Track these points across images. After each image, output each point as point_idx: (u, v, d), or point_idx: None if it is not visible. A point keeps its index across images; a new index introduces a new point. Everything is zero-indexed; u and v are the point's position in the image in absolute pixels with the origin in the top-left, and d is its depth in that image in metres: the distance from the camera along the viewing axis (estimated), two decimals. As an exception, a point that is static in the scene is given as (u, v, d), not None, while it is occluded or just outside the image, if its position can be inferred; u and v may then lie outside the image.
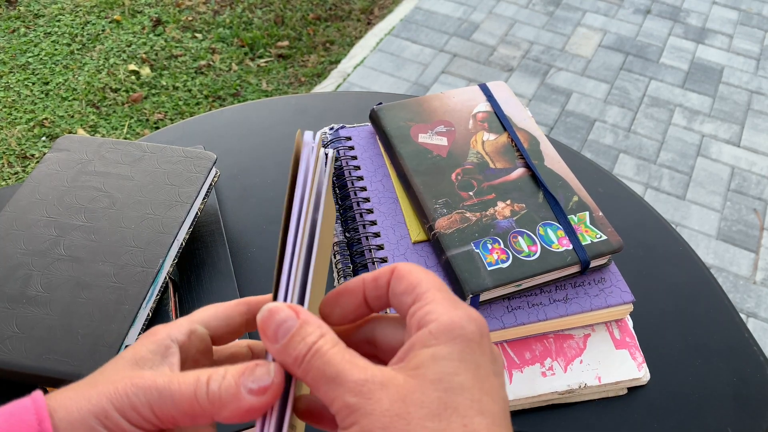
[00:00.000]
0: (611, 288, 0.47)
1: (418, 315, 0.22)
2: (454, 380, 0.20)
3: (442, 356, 0.21)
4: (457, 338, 0.21)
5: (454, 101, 0.57)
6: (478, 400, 0.20)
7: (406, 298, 0.23)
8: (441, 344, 0.21)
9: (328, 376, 0.21)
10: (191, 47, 1.85)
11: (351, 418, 0.20)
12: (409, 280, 0.23)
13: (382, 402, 0.20)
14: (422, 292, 0.23)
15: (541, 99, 1.75)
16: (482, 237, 0.46)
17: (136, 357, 0.24)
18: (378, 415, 0.20)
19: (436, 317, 0.22)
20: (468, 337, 0.21)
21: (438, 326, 0.21)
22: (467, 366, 0.21)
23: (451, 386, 0.20)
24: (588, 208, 0.49)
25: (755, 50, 1.96)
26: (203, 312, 0.26)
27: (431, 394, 0.20)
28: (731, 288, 1.35)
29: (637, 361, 0.46)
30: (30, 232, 0.47)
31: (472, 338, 0.21)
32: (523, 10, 2.05)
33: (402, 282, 0.23)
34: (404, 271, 0.24)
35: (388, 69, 1.82)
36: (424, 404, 0.20)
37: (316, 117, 0.68)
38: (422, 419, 0.19)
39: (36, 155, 1.52)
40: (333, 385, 0.21)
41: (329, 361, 0.21)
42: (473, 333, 0.21)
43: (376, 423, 0.19)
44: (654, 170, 1.58)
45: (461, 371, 0.21)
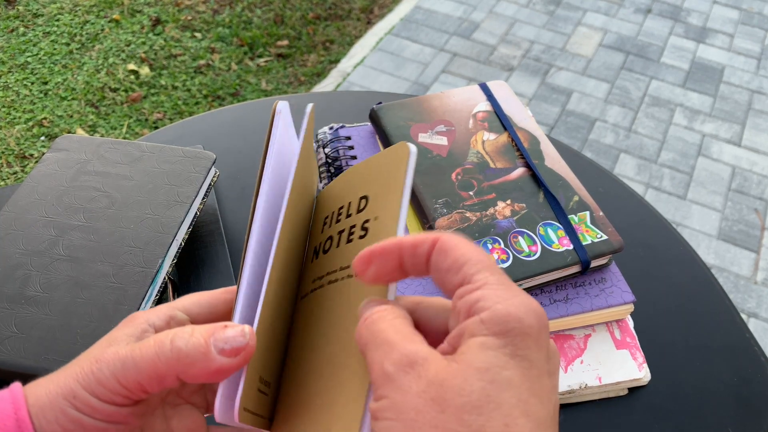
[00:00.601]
0: (612, 288, 0.47)
1: (468, 299, 0.20)
2: (502, 374, 0.18)
3: (492, 347, 0.19)
4: (511, 331, 0.19)
5: (454, 101, 0.57)
6: (525, 400, 0.18)
7: (452, 276, 0.21)
8: (491, 335, 0.19)
9: (378, 341, 0.20)
10: (190, 47, 1.85)
11: (384, 389, 0.19)
12: (455, 256, 0.21)
13: (420, 380, 0.18)
14: (472, 272, 0.20)
15: (542, 98, 1.75)
16: (482, 237, 0.46)
17: (110, 340, 0.24)
18: (412, 395, 0.18)
19: (490, 305, 0.19)
20: (524, 330, 0.19)
21: (491, 315, 0.19)
22: (519, 362, 0.19)
23: (497, 379, 0.18)
24: (588, 208, 0.49)
25: (756, 50, 1.95)
26: (186, 299, 0.26)
27: (475, 383, 0.18)
28: (732, 288, 1.34)
29: (638, 362, 0.46)
30: (29, 232, 0.47)
31: (529, 332, 0.19)
32: (524, 9, 2.05)
33: (447, 257, 0.21)
34: (449, 244, 0.21)
35: (388, 68, 1.81)
36: (464, 392, 0.18)
37: (315, 117, 0.68)
38: (459, 409, 0.18)
39: (35, 155, 1.52)
40: (380, 350, 0.20)
41: (385, 329, 0.20)
42: (531, 327, 0.19)
43: (409, 404, 0.18)
44: (655, 170, 1.58)
45: (511, 366, 0.18)
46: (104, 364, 0.22)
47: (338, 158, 0.55)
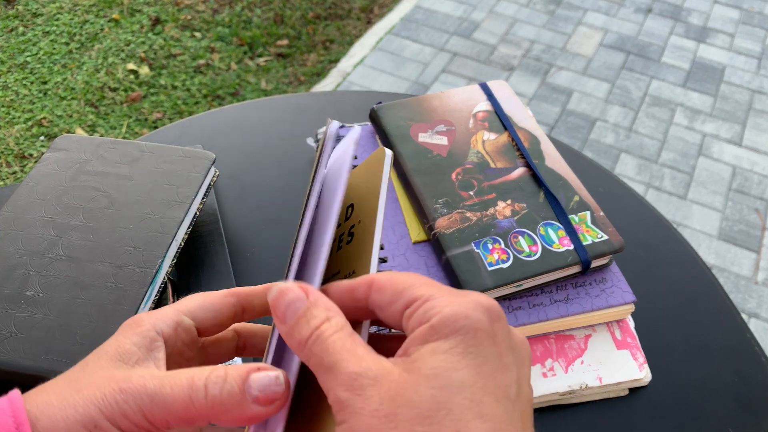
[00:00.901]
0: (612, 288, 0.47)
1: (417, 314, 0.20)
2: (453, 376, 0.18)
3: (442, 350, 0.18)
4: (460, 329, 0.19)
5: (455, 100, 0.57)
6: (479, 400, 0.18)
7: (395, 306, 0.21)
8: (442, 338, 0.19)
9: (325, 364, 0.19)
10: (190, 46, 1.85)
11: (341, 415, 0.19)
12: (394, 288, 0.21)
13: (372, 400, 0.18)
14: (415, 293, 0.20)
15: (542, 98, 1.75)
16: (483, 237, 0.46)
17: (120, 351, 0.23)
18: (366, 416, 0.18)
19: (438, 311, 0.19)
20: (474, 326, 0.19)
21: (440, 319, 0.19)
22: (470, 361, 0.18)
23: (447, 383, 0.18)
24: (589, 208, 0.48)
25: (757, 49, 1.95)
26: (190, 302, 0.25)
27: (424, 392, 0.18)
28: (733, 288, 1.34)
29: (639, 362, 0.46)
30: (28, 232, 0.47)
31: (479, 327, 0.19)
32: (524, 9, 2.05)
33: (384, 293, 0.21)
34: (384, 282, 0.21)
35: (388, 68, 1.81)
36: (414, 404, 0.18)
37: (315, 116, 0.68)
38: (410, 421, 0.17)
39: (34, 155, 1.52)
40: (329, 376, 0.19)
41: (328, 349, 0.20)
42: (480, 321, 0.19)
43: (363, 424, 0.18)
44: (655, 170, 1.58)
45: (462, 366, 0.18)
46: (130, 396, 0.21)
47: (338, 158, 0.55)
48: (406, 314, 0.20)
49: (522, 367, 0.20)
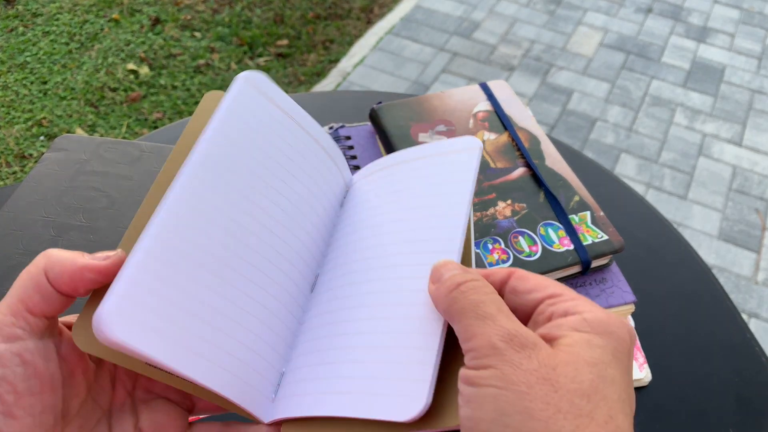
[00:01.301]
0: (612, 288, 0.47)
1: (563, 305, 0.22)
2: (608, 371, 0.20)
3: (597, 345, 0.20)
4: (612, 334, 0.21)
5: (455, 100, 0.57)
6: (624, 399, 0.20)
7: (534, 294, 0.23)
8: (596, 334, 0.20)
9: (479, 312, 0.21)
10: (190, 46, 1.85)
11: (490, 360, 0.20)
12: (538, 281, 0.23)
13: (531, 360, 0.19)
14: (558, 291, 0.22)
15: (542, 98, 1.75)
16: (483, 237, 0.46)
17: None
18: (523, 371, 0.19)
19: (587, 310, 0.21)
20: (621, 337, 0.21)
21: (594, 317, 0.21)
22: (618, 364, 0.20)
23: (604, 375, 0.19)
24: (589, 208, 0.48)
25: (757, 49, 1.95)
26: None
27: (585, 374, 0.19)
28: (733, 288, 1.34)
29: (639, 362, 0.46)
30: (28, 232, 0.47)
31: (624, 340, 0.21)
32: (524, 8, 2.05)
33: (528, 282, 0.23)
34: (527, 273, 0.24)
35: (388, 68, 1.81)
36: (576, 380, 0.19)
37: (315, 116, 0.68)
38: (572, 393, 0.19)
39: (34, 155, 1.52)
40: (482, 322, 0.21)
41: (485, 301, 0.21)
42: (625, 336, 0.21)
43: (521, 377, 0.19)
44: (655, 170, 1.58)
45: (614, 366, 0.20)
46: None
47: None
48: (549, 302, 0.22)
49: None
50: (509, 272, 0.24)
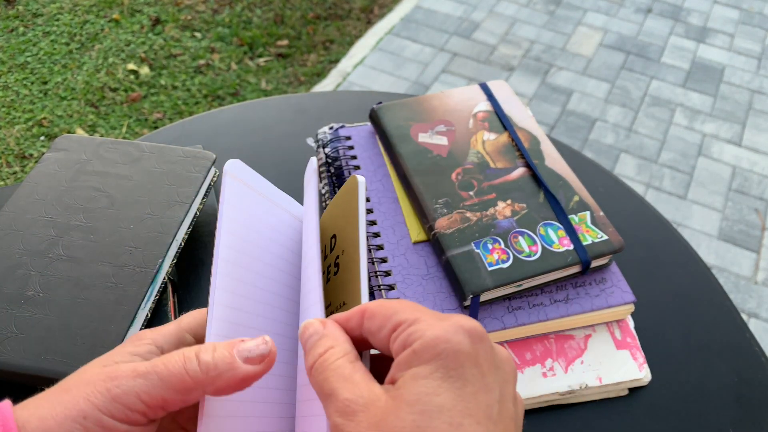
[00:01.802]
0: (612, 288, 0.47)
1: (401, 339, 0.21)
2: (433, 401, 0.19)
3: (422, 375, 0.19)
4: (441, 353, 0.19)
5: (455, 100, 0.57)
6: (458, 423, 0.18)
7: (383, 332, 0.22)
8: (423, 363, 0.20)
9: (325, 391, 0.21)
10: (190, 46, 1.85)
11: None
12: (383, 314, 0.22)
13: (360, 425, 0.19)
14: (400, 318, 0.21)
15: (542, 98, 1.75)
16: (483, 237, 0.46)
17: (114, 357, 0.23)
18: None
19: (420, 335, 0.20)
20: (455, 349, 0.20)
21: (422, 343, 0.20)
22: (451, 384, 0.19)
23: (427, 408, 0.19)
24: (589, 208, 0.48)
25: (756, 49, 1.95)
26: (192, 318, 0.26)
27: (406, 417, 0.18)
28: (732, 288, 1.34)
29: (638, 362, 0.46)
30: (28, 232, 0.47)
31: (460, 349, 0.20)
32: (524, 9, 2.05)
33: (375, 320, 0.22)
34: (375, 309, 0.22)
35: (388, 68, 1.81)
36: (396, 429, 0.18)
37: (315, 116, 0.68)
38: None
39: (34, 155, 1.52)
40: (328, 402, 0.20)
41: (328, 377, 0.21)
42: (461, 344, 0.20)
43: None
44: (655, 170, 1.58)
45: (442, 391, 0.19)
46: (122, 381, 0.21)
47: (338, 158, 0.55)
48: (392, 338, 0.21)
49: (506, 385, 0.21)
50: (361, 313, 0.23)
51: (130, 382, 0.21)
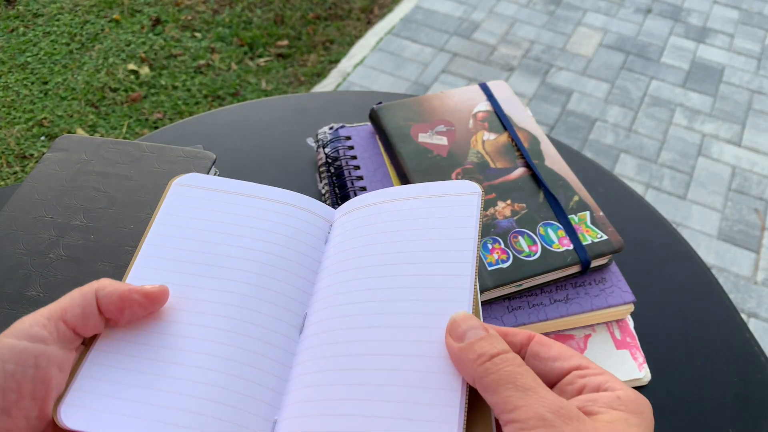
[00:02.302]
0: (612, 288, 0.47)
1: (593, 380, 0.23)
2: None
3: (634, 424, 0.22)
4: (642, 413, 0.22)
5: (455, 101, 0.57)
6: None
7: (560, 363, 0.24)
8: (630, 413, 0.22)
9: (519, 384, 0.22)
10: (190, 47, 1.85)
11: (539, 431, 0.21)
12: (560, 350, 0.24)
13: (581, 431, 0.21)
14: (584, 363, 0.24)
15: (542, 98, 1.75)
16: (482, 237, 0.46)
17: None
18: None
19: (619, 387, 0.23)
20: (649, 417, 0.22)
21: (625, 395, 0.22)
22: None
23: None
24: (589, 208, 0.48)
25: (756, 50, 1.95)
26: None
27: None
28: (732, 288, 1.34)
29: (638, 362, 0.46)
30: (29, 232, 0.47)
31: (651, 420, 0.22)
32: (524, 9, 2.05)
33: (551, 349, 0.24)
34: (548, 340, 0.25)
35: (388, 68, 1.81)
36: None
37: (315, 116, 0.68)
38: None
39: (35, 155, 1.52)
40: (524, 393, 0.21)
41: (523, 374, 0.22)
42: (651, 416, 0.22)
43: None
44: (655, 170, 1.58)
45: None
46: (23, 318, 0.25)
47: (338, 158, 0.55)
48: (578, 374, 0.24)
49: None
50: (529, 336, 0.25)
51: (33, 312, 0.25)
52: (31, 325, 0.24)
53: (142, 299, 0.27)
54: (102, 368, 0.26)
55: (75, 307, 0.25)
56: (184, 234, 0.31)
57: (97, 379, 0.26)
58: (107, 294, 0.26)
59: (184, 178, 0.32)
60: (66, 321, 0.25)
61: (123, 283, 0.27)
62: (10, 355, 0.23)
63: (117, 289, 0.26)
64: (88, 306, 0.25)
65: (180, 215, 0.32)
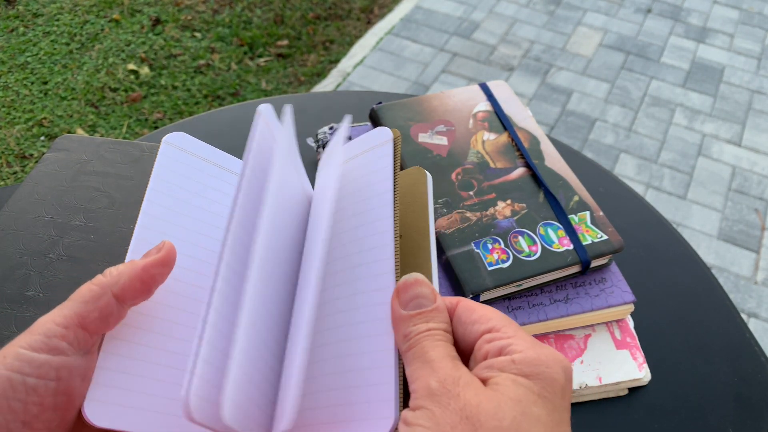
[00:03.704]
0: (612, 288, 0.47)
1: (499, 343, 0.22)
2: (532, 409, 0.20)
3: (522, 384, 0.21)
4: (540, 374, 0.21)
5: (455, 101, 0.57)
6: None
7: (477, 326, 0.23)
8: (521, 375, 0.21)
9: (426, 357, 0.22)
10: (190, 46, 1.85)
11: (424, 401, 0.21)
12: (481, 313, 0.24)
13: (458, 399, 0.20)
14: (500, 325, 0.23)
15: (542, 98, 1.75)
16: (482, 237, 0.46)
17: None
18: (450, 411, 0.20)
19: (520, 349, 0.22)
20: (552, 377, 0.21)
21: (523, 357, 0.21)
22: (544, 404, 0.20)
23: (528, 412, 0.20)
24: (589, 208, 0.48)
25: (756, 50, 1.95)
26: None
27: (508, 411, 0.20)
28: (732, 288, 1.34)
29: (638, 362, 0.46)
30: (29, 232, 0.47)
31: (556, 378, 0.21)
32: (524, 9, 2.05)
33: (472, 313, 0.24)
34: (473, 304, 0.24)
35: (388, 68, 1.81)
36: (497, 417, 0.19)
37: (315, 116, 0.68)
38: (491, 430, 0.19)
39: (35, 155, 1.52)
40: (424, 365, 0.22)
41: (436, 346, 0.22)
42: (558, 374, 0.21)
43: (446, 418, 0.20)
44: (655, 170, 1.58)
45: (540, 404, 0.20)
46: (36, 325, 0.23)
47: (338, 158, 0.55)
48: (486, 337, 0.23)
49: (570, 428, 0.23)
50: (457, 300, 0.25)
51: (44, 317, 0.23)
52: (48, 336, 0.23)
53: (160, 268, 0.26)
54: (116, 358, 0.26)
55: (92, 311, 0.24)
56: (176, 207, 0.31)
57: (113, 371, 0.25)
58: (125, 287, 0.25)
59: (172, 136, 0.31)
60: (86, 327, 0.24)
61: (131, 265, 0.26)
62: (31, 369, 0.22)
63: (131, 274, 0.25)
64: (105, 307, 0.24)
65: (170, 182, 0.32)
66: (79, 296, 0.24)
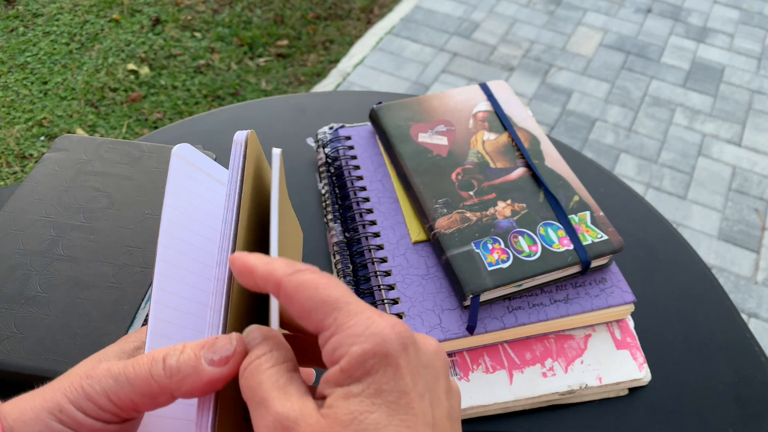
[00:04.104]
0: (612, 288, 0.47)
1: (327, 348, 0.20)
2: (368, 419, 0.18)
3: (354, 394, 0.19)
4: (370, 369, 0.19)
5: (455, 101, 0.57)
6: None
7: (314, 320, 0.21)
8: (353, 382, 0.19)
9: (256, 398, 0.20)
10: (190, 46, 1.85)
11: None
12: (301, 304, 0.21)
13: None
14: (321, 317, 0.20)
15: (542, 98, 1.75)
16: (482, 237, 0.46)
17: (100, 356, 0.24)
18: None
19: (345, 350, 0.19)
20: (383, 361, 0.19)
21: (348, 361, 0.19)
22: (384, 398, 0.19)
23: (363, 427, 0.18)
24: (589, 208, 0.48)
25: (756, 49, 1.95)
26: None
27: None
28: (732, 288, 1.34)
29: (638, 362, 0.46)
30: (29, 232, 0.47)
31: (388, 361, 0.19)
32: (524, 9, 2.05)
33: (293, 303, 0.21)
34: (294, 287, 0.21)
35: (388, 68, 1.81)
36: None
37: (315, 116, 0.68)
38: None
39: (34, 155, 1.52)
40: (258, 410, 0.20)
41: (261, 383, 0.20)
42: (387, 354, 0.19)
43: None
44: (655, 170, 1.58)
45: (375, 408, 0.19)
46: (95, 380, 0.22)
47: (338, 158, 0.55)
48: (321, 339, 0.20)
49: (437, 381, 0.21)
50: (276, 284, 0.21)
51: (102, 382, 0.22)
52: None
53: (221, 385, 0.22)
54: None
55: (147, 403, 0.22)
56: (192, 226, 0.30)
57: None
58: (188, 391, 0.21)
59: (181, 149, 0.31)
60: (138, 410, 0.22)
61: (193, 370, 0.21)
62: None
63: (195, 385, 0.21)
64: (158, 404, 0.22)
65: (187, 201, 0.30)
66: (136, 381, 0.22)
